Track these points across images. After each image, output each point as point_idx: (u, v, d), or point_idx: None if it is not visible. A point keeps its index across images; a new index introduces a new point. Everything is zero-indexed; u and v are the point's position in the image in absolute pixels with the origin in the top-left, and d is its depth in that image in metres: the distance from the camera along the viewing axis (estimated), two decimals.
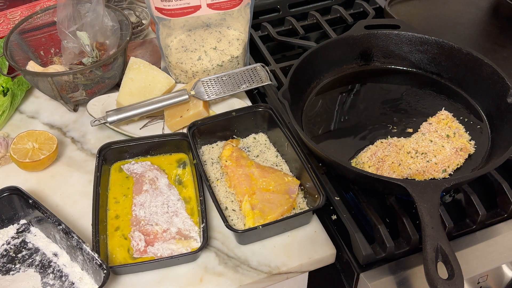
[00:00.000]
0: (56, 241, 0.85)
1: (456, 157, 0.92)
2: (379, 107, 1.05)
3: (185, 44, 1.14)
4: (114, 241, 0.86)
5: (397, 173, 0.90)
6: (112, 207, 0.91)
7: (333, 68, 1.11)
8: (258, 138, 1.02)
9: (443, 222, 0.83)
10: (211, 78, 1.07)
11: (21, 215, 0.89)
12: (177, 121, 1.04)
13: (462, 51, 1.04)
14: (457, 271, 0.69)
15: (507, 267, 0.87)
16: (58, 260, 0.84)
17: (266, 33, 1.29)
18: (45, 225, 0.86)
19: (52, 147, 1.00)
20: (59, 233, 0.83)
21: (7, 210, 0.88)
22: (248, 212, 0.86)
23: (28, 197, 0.87)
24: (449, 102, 1.05)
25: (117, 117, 1.02)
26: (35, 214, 0.87)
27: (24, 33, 1.14)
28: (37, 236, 0.87)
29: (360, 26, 1.11)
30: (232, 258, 0.85)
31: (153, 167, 0.98)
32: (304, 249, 0.86)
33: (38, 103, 1.16)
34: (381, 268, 0.82)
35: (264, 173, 0.92)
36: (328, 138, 1.00)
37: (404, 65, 1.13)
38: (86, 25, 1.11)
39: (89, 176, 0.98)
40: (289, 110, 0.91)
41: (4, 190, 0.88)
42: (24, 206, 0.88)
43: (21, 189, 0.88)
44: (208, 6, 1.06)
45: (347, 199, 0.91)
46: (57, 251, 0.85)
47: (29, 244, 0.86)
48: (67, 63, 1.12)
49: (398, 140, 0.95)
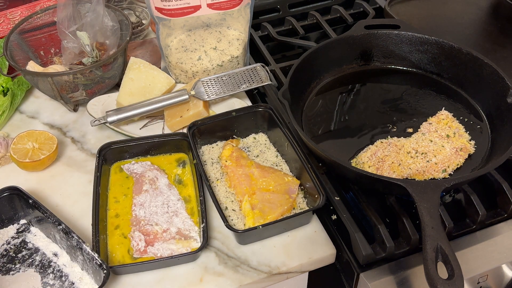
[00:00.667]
0: (56, 241, 0.85)
1: (456, 157, 0.92)
2: (379, 107, 1.05)
3: (185, 44, 1.14)
4: (114, 240, 0.86)
5: (397, 173, 0.90)
6: (112, 207, 0.91)
7: (333, 68, 1.11)
8: (258, 138, 1.02)
9: (443, 222, 0.83)
10: (211, 78, 1.07)
11: (21, 215, 0.89)
12: (177, 121, 1.04)
13: (462, 51, 1.04)
14: (457, 271, 0.69)
15: (507, 267, 0.87)
16: (58, 260, 0.84)
17: (266, 33, 1.29)
18: (45, 225, 0.86)
19: (52, 147, 1.00)
20: (59, 233, 0.83)
21: (7, 210, 0.88)
22: (248, 212, 0.86)
23: (28, 197, 0.87)
24: (449, 102, 1.05)
25: (117, 117, 1.02)
26: (35, 214, 0.87)
27: (24, 33, 1.14)
28: (37, 236, 0.87)
29: (360, 26, 1.11)
30: (232, 258, 0.85)
31: (153, 167, 0.98)
32: (304, 249, 0.86)
33: (38, 103, 1.16)
34: (381, 268, 0.82)
35: (264, 173, 0.92)
36: (328, 138, 1.00)
37: (404, 65, 1.13)
38: (86, 25, 1.11)
39: (89, 176, 0.98)
40: (289, 110, 0.91)
41: (4, 190, 0.88)
42: (24, 206, 0.88)
43: (21, 189, 0.88)
44: (208, 6, 1.06)
45: (347, 199, 0.91)
46: (57, 251, 0.85)
47: (29, 244, 0.86)
48: (67, 63, 1.12)
49: (398, 140, 0.95)
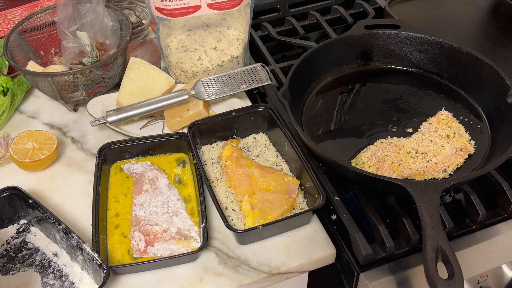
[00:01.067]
0: (56, 241, 0.85)
1: (456, 157, 0.92)
2: (379, 107, 1.05)
3: (185, 44, 1.14)
4: (114, 240, 0.86)
5: (397, 173, 0.90)
6: (112, 206, 0.91)
7: (333, 68, 1.11)
8: (258, 138, 1.02)
9: (443, 222, 0.83)
10: (211, 78, 1.07)
11: (21, 215, 0.89)
12: (177, 121, 1.04)
13: (462, 51, 1.04)
14: (457, 271, 0.69)
15: (507, 267, 0.87)
16: (58, 260, 0.84)
17: (266, 33, 1.29)
18: (45, 225, 0.86)
19: (52, 147, 1.00)
20: (59, 233, 0.83)
21: (7, 210, 0.88)
22: (248, 212, 0.86)
23: (28, 197, 0.87)
24: (449, 102, 1.05)
25: (117, 117, 1.02)
26: (35, 214, 0.87)
27: (24, 33, 1.14)
28: (37, 236, 0.87)
29: (360, 26, 1.11)
30: (232, 258, 0.85)
31: (153, 167, 0.98)
32: (304, 249, 0.86)
33: (38, 103, 1.16)
34: (381, 268, 0.82)
35: (264, 173, 0.92)
36: (328, 138, 1.00)
37: (404, 65, 1.13)
38: (86, 25, 1.11)
39: (89, 176, 0.98)
40: (289, 110, 0.91)
41: (4, 190, 0.88)
42: (24, 206, 0.88)
43: (21, 189, 0.88)
44: (208, 6, 1.06)
45: (347, 199, 0.91)
46: (57, 251, 0.85)
47: (29, 244, 0.86)
48: (67, 63, 1.12)
49: (398, 140, 0.95)
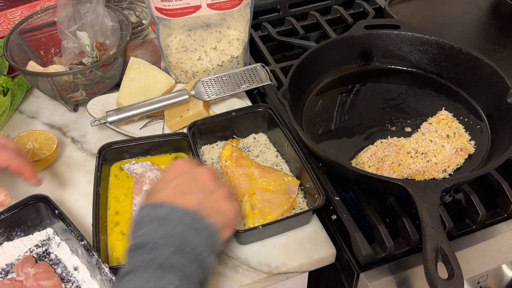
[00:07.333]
0: (78, 255, 0.83)
1: (456, 157, 0.92)
2: (379, 107, 1.05)
3: (185, 44, 1.14)
4: (113, 237, 0.86)
5: (397, 173, 0.90)
6: (112, 206, 0.91)
7: (333, 68, 1.11)
8: (258, 138, 1.02)
9: (443, 222, 0.83)
10: (211, 78, 1.07)
11: (47, 223, 0.87)
12: (177, 121, 1.04)
13: (462, 51, 1.04)
14: (457, 271, 0.69)
15: (507, 267, 0.87)
16: (78, 275, 0.82)
17: (266, 33, 1.29)
18: (69, 237, 0.84)
19: (52, 147, 1.00)
20: (80, 248, 0.81)
21: (33, 217, 0.86)
22: (248, 212, 0.86)
23: (54, 207, 0.84)
24: (449, 102, 1.05)
25: (117, 117, 1.02)
26: (59, 225, 0.85)
27: (24, 33, 1.14)
28: (60, 247, 0.86)
29: (360, 26, 1.11)
30: (232, 258, 0.85)
31: (153, 167, 0.98)
32: (304, 249, 0.86)
33: (38, 103, 1.16)
34: (381, 268, 0.82)
35: (264, 173, 0.92)
36: (328, 138, 1.00)
37: (404, 65, 1.13)
38: (86, 25, 1.11)
39: (89, 176, 0.98)
40: (289, 110, 0.91)
41: (32, 198, 0.86)
42: (50, 215, 0.86)
43: (49, 198, 0.85)
44: (208, 6, 1.06)
45: (347, 199, 0.91)
46: (78, 265, 0.83)
47: (52, 255, 0.85)
48: (67, 63, 1.12)
49: (398, 140, 0.95)
